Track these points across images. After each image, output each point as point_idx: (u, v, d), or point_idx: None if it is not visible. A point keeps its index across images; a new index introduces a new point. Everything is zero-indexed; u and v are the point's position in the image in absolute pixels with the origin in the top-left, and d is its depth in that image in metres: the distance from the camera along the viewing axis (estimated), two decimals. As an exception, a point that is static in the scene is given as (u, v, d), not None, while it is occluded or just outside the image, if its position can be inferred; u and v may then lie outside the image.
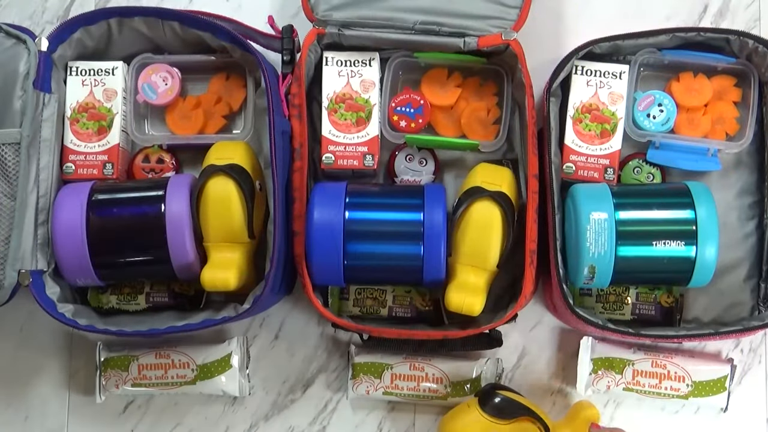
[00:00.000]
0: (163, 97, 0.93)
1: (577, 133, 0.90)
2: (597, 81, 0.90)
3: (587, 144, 0.90)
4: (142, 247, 0.86)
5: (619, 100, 0.90)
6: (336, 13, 0.90)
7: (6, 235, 0.84)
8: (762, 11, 0.98)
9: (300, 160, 0.88)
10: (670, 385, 0.89)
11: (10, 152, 0.85)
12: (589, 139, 0.90)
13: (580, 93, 0.90)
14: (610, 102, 0.90)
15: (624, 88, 0.90)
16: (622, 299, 0.91)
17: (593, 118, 0.90)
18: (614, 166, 0.90)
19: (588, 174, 0.90)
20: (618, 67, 0.90)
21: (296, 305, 0.96)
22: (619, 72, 0.90)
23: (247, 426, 0.96)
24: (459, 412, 0.86)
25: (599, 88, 0.90)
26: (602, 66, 0.90)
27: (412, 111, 0.92)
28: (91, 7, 1.00)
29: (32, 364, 0.97)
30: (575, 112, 0.90)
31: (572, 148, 0.90)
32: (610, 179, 0.89)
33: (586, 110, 0.90)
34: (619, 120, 0.90)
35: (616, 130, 0.90)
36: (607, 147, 0.90)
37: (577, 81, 0.90)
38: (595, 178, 0.90)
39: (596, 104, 0.90)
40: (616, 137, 0.90)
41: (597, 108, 0.90)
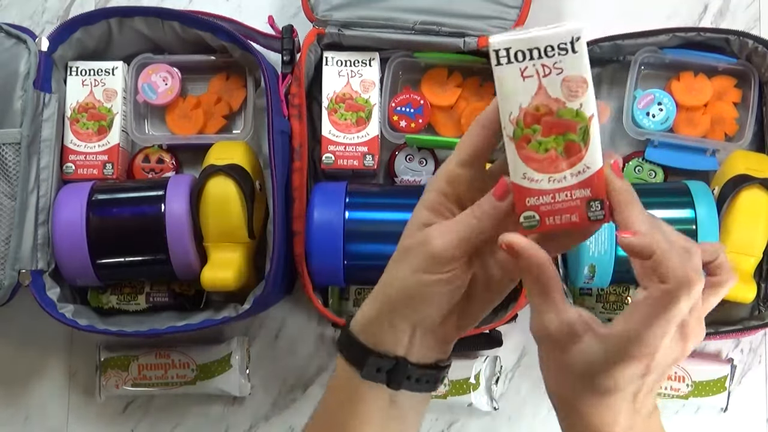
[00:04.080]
0: (163, 97, 0.93)
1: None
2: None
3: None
4: (142, 247, 0.86)
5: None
6: (336, 13, 0.90)
7: (6, 235, 0.84)
8: (762, 11, 0.98)
9: (300, 160, 0.88)
10: (670, 385, 0.89)
11: (10, 152, 0.85)
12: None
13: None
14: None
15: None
16: (622, 299, 0.91)
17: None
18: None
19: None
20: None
21: (296, 305, 0.96)
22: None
23: (247, 426, 0.96)
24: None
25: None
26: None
27: (412, 111, 0.92)
28: (91, 7, 1.00)
29: (32, 364, 0.97)
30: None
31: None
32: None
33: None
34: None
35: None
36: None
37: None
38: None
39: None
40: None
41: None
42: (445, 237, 0.51)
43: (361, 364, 0.55)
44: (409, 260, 0.52)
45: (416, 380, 0.55)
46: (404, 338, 0.54)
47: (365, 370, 0.55)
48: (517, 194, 0.49)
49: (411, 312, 0.53)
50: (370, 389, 0.55)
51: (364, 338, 0.55)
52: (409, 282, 0.52)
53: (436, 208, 0.53)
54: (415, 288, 0.52)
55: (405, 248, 0.53)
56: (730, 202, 0.83)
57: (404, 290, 0.53)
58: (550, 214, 0.49)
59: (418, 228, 0.53)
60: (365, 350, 0.55)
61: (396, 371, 0.55)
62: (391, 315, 0.54)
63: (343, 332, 0.57)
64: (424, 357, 0.56)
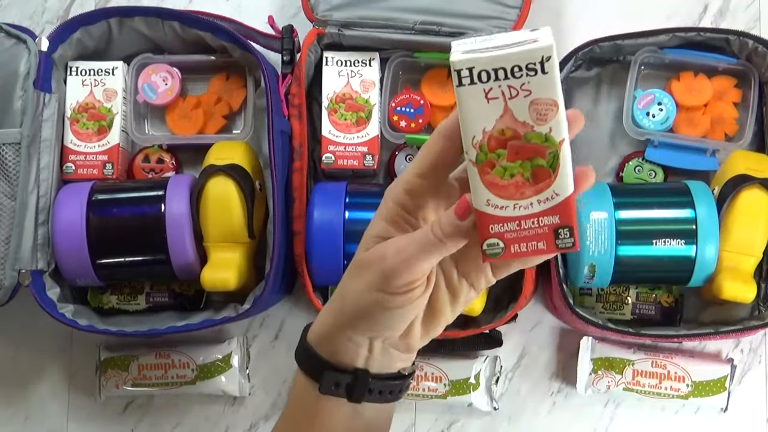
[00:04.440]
0: (163, 97, 0.93)
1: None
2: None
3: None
4: (142, 247, 0.86)
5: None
6: (336, 13, 0.90)
7: (6, 235, 0.84)
8: (762, 11, 0.98)
9: (300, 160, 0.88)
10: (670, 385, 0.89)
11: (10, 152, 0.85)
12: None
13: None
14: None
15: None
16: (622, 299, 0.91)
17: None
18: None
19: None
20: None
21: (296, 305, 0.96)
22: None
23: (247, 426, 0.96)
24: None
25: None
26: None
27: (412, 111, 0.92)
28: (91, 7, 1.00)
29: (32, 364, 0.97)
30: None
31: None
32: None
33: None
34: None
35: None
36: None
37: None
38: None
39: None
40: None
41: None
42: (400, 255, 0.47)
43: (318, 377, 0.52)
44: (364, 276, 0.49)
45: (378, 392, 0.53)
46: (363, 351, 0.52)
47: (323, 385, 0.52)
48: (480, 221, 0.46)
49: (366, 328, 0.51)
50: (330, 401, 0.53)
51: (321, 351, 0.53)
52: (363, 300, 0.49)
53: (394, 220, 0.49)
54: (369, 306, 0.49)
55: (359, 262, 0.50)
56: (730, 202, 0.83)
57: (358, 307, 0.50)
58: (515, 242, 0.46)
59: (374, 240, 0.49)
60: (322, 363, 0.52)
61: (356, 385, 0.52)
62: (346, 329, 0.51)
63: (300, 343, 0.55)
64: (387, 367, 0.53)
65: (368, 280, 0.49)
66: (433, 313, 0.52)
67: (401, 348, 0.53)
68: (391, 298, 0.48)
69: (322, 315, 0.54)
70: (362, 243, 0.50)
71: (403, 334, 0.52)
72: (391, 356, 0.53)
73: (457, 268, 0.51)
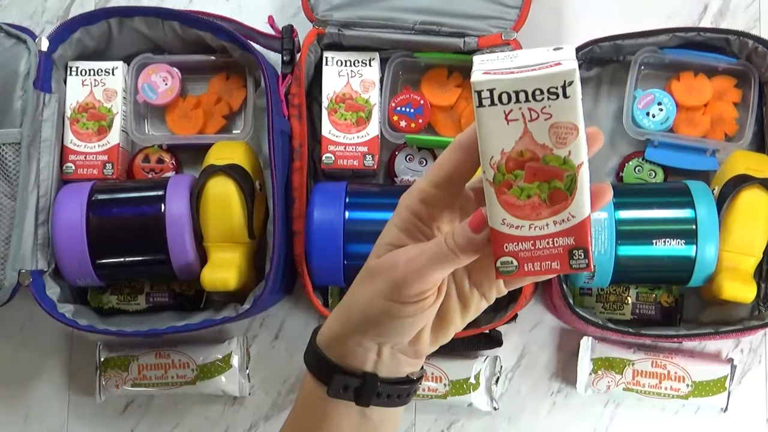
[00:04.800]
0: (163, 97, 0.93)
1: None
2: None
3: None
4: (142, 247, 0.86)
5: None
6: (336, 13, 0.90)
7: (6, 235, 0.84)
8: (762, 11, 0.98)
9: (300, 160, 0.88)
10: (670, 385, 0.89)
11: (10, 152, 0.85)
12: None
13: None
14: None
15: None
16: (622, 299, 0.91)
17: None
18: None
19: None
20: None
21: (296, 305, 0.96)
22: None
23: (247, 426, 0.96)
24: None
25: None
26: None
27: (412, 111, 0.92)
28: (91, 7, 1.00)
29: (32, 364, 0.97)
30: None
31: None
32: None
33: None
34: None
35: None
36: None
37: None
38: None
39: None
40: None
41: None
42: (412, 265, 0.47)
43: (327, 380, 0.53)
44: (375, 284, 0.49)
45: (387, 396, 0.53)
46: (372, 355, 0.52)
47: (331, 388, 0.52)
48: (495, 239, 0.46)
49: (375, 335, 0.51)
50: (339, 405, 0.53)
51: (330, 354, 0.53)
52: (372, 307, 0.49)
53: (407, 228, 0.49)
54: (378, 314, 0.49)
55: (370, 269, 0.50)
56: (730, 202, 0.83)
57: (367, 314, 0.50)
58: (529, 261, 0.46)
59: (386, 248, 0.49)
60: (331, 367, 0.52)
61: (364, 389, 0.52)
62: (355, 334, 0.51)
63: (310, 346, 0.55)
64: (395, 372, 0.53)
65: (378, 288, 0.49)
66: (443, 321, 0.52)
67: (410, 354, 0.53)
68: (401, 308, 0.48)
69: (332, 318, 0.54)
70: (374, 250, 0.50)
71: (412, 340, 0.52)
72: (400, 361, 0.53)
73: (470, 277, 0.51)
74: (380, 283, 0.49)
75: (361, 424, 0.54)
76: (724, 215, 0.83)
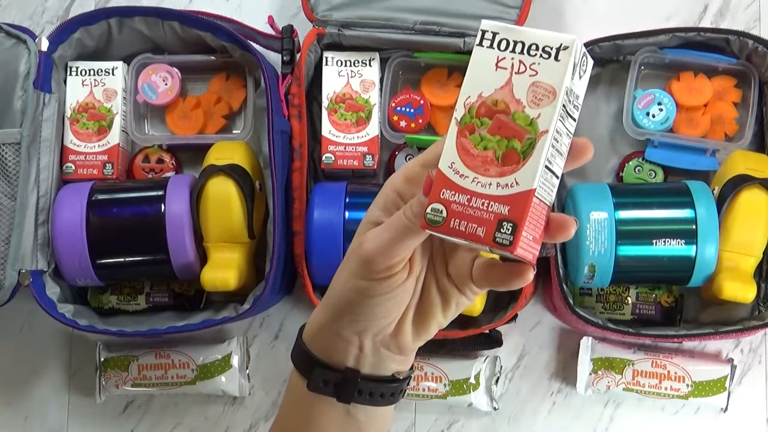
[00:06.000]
0: (163, 97, 0.93)
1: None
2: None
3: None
4: (142, 247, 0.86)
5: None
6: (336, 13, 0.90)
7: (6, 235, 0.84)
8: (762, 11, 0.98)
9: (300, 160, 0.88)
10: (670, 386, 0.89)
11: (10, 152, 0.85)
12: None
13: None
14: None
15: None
16: (622, 299, 0.91)
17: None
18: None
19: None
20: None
21: (296, 305, 0.96)
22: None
23: (247, 426, 0.96)
24: None
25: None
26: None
27: (412, 111, 0.92)
28: (91, 7, 1.00)
29: (32, 364, 0.97)
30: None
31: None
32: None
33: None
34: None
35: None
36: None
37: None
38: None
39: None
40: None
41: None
42: (376, 240, 0.47)
43: (308, 374, 0.52)
44: (348, 264, 0.49)
45: (369, 394, 0.52)
46: (353, 349, 0.51)
47: (311, 382, 0.52)
48: (437, 182, 0.44)
49: (353, 321, 0.50)
50: (322, 402, 0.53)
51: (312, 347, 0.52)
52: (345, 288, 0.49)
53: (387, 207, 0.48)
54: (350, 294, 0.49)
55: (348, 251, 0.49)
56: (730, 202, 0.83)
57: (342, 297, 0.49)
58: (458, 216, 0.44)
59: (365, 227, 0.49)
60: (312, 360, 0.52)
61: (344, 384, 0.51)
62: (335, 324, 0.51)
63: (296, 341, 0.54)
64: (379, 369, 0.52)
65: (350, 268, 0.48)
66: (424, 314, 0.51)
67: (393, 348, 0.52)
68: (371, 285, 0.48)
69: (315, 312, 0.53)
70: (357, 231, 0.50)
71: (392, 332, 0.51)
72: (383, 356, 0.52)
73: (447, 270, 0.51)
74: (351, 263, 0.48)
75: (345, 422, 0.54)
76: (724, 215, 0.83)
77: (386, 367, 0.53)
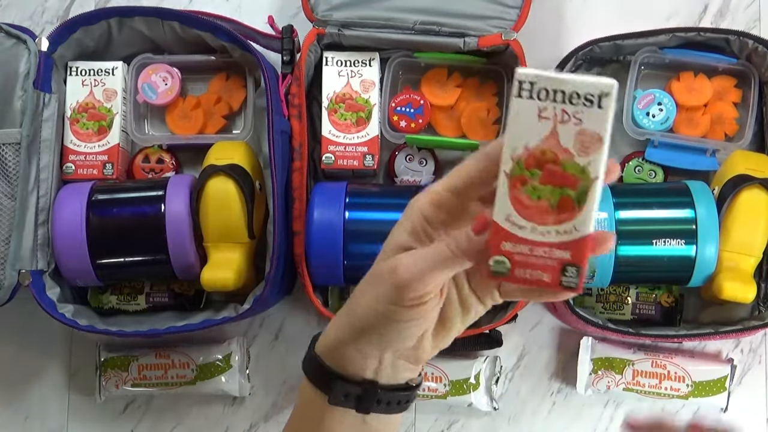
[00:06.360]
0: (163, 97, 0.93)
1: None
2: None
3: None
4: (142, 247, 0.86)
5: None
6: (336, 13, 0.90)
7: (6, 235, 0.84)
8: (762, 11, 0.98)
9: (300, 160, 0.88)
10: (670, 386, 0.89)
11: (10, 152, 0.85)
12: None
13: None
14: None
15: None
16: (622, 299, 0.91)
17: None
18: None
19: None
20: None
21: (296, 305, 0.96)
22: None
23: (247, 426, 0.96)
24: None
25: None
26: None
27: (412, 111, 0.92)
28: (91, 7, 1.00)
29: (32, 364, 0.97)
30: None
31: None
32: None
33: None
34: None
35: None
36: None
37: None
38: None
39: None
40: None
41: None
42: (414, 268, 0.47)
43: (328, 388, 0.53)
44: (377, 287, 0.49)
45: (387, 403, 0.53)
46: (372, 362, 0.52)
47: (332, 396, 0.52)
48: (495, 235, 0.45)
49: (377, 340, 0.51)
50: (338, 412, 0.53)
51: (330, 361, 0.53)
52: (373, 310, 0.49)
53: (415, 231, 0.49)
54: (380, 319, 0.49)
55: (375, 273, 0.50)
56: (730, 202, 0.83)
57: (369, 319, 0.50)
58: (522, 266, 0.45)
59: (393, 251, 0.49)
60: (331, 375, 0.52)
61: (365, 396, 0.52)
62: (356, 341, 0.51)
63: (309, 353, 0.55)
64: (395, 378, 0.53)
65: (380, 292, 0.49)
66: (444, 324, 0.52)
67: (411, 359, 0.53)
68: (403, 311, 0.48)
69: (332, 325, 0.54)
70: (381, 252, 0.50)
71: (414, 345, 0.52)
72: (400, 368, 0.53)
73: (469, 281, 0.51)
74: (381, 287, 0.49)
75: (361, 431, 0.54)
76: (724, 215, 0.83)
77: (401, 377, 0.54)
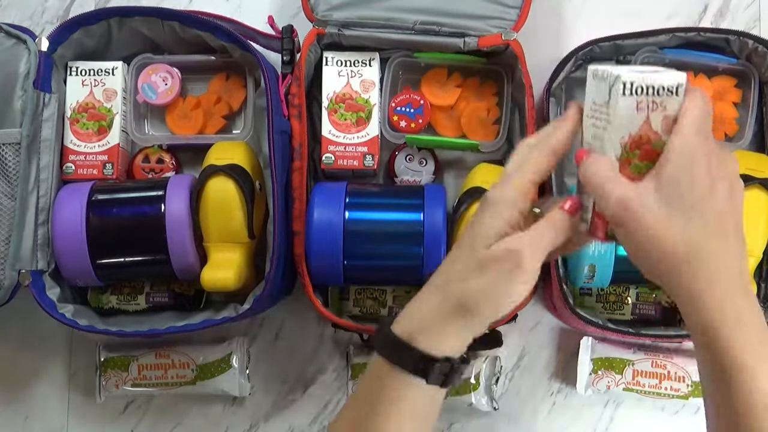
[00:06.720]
0: (163, 97, 0.93)
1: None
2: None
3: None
4: (142, 247, 0.86)
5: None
6: (336, 13, 0.90)
7: (6, 235, 0.84)
8: (762, 11, 0.98)
9: (300, 160, 0.88)
10: (670, 385, 0.89)
11: (10, 152, 0.85)
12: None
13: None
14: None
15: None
16: (622, 299, 0.91)
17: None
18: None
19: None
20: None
21: (296, 305, 0.96)
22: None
23: (247, 426, 0.96)
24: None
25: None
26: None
27: (412, 111, 0.92)
28: (91, 7, 1.00)
29: (32, 364, 0.97)
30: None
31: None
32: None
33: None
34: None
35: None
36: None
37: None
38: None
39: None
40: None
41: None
42: (536, 253, 0.56)
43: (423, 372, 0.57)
44: (495, 270, 0.56)
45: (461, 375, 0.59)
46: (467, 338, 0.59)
47: (431, 377, 0.57)
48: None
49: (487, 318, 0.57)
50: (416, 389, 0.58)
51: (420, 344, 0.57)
52: (495, 293, 0.56)
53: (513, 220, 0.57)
54: (499, 297, 0.56)
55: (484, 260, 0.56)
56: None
57: (488, 300, 0.56)
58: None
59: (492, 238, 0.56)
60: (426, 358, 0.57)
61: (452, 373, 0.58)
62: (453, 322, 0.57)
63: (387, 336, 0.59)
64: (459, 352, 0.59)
65: (502, 273, 0.56)
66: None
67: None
68: (524, 289, 0.56)
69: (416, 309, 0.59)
70: (480, 241, 0.57)
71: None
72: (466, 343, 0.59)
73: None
74: (504, 269, 0.56)
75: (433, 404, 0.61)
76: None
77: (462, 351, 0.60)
